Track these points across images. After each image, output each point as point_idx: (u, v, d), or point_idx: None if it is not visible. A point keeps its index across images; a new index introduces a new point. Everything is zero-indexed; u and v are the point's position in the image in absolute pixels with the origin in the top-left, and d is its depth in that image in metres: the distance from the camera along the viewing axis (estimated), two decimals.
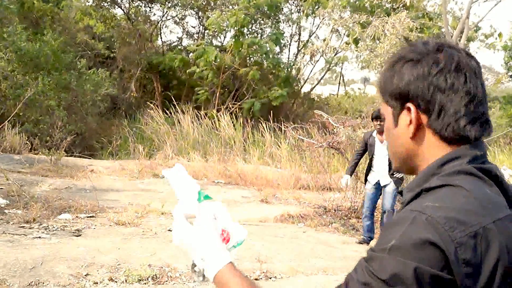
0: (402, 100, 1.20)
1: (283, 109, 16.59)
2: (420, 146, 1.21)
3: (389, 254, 1.03)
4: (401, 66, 1.21)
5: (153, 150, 12.98)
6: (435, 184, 1.13)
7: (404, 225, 1.04)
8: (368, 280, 1.04)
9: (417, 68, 1.19)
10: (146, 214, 7.49)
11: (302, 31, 18.12)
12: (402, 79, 1.20)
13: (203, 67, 15.09)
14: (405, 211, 1.10)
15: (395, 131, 1.25)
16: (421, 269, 1.00)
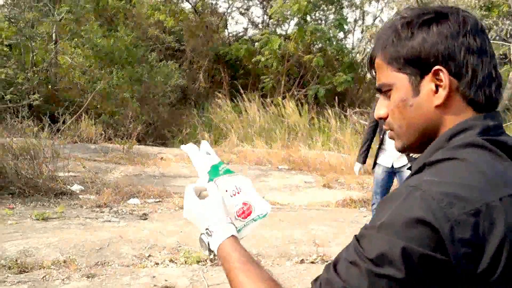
0: (425, 64, 1.08)
1: (348, 94, 16.62)
2: (447, 114, 1.10)
3: (378, 232, 0.97)
4: (421, 26, 1.09)
5: (220, 137, 13.44)
6: (439, 157, 1.04)
7: (397, 201, 0.97)
8: (355, 259, 0.99)
9: (445, 27, 1.07)
10: None
11: (365, 16, 18.04)
12: (425, 40, 1.07)
13: (267, 56, 15.36)
14: (402, 185, 1.03)
15: (415, 101, 1.11)
16: (409, 249, 0.93)
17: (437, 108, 1.09)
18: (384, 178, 5.85)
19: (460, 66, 1.07)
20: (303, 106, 14.63)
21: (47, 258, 4.86)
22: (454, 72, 1.07)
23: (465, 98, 1.08)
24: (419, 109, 1.11)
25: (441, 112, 1.10)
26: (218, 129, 14.24)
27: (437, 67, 1.07)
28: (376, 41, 1.17)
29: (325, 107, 14.69)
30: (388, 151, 5.78)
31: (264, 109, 14.73)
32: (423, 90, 1.09)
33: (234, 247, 1.24)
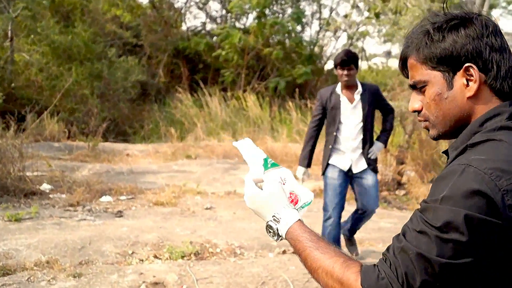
0: (456, 62, 1.27)
1: (308, 86, 16.80)
2: (477, 104, 1.28)
3: (441, 204, 1.13)
4: (451, 30, 1.27)
5: (184, 132, 13.40)
6: (478, 139, 1.23)
7: (454, 177, 1.14)
8: (423, 228, 1.14)
9: (471, 30, 1.26)
10: (183, 194, 7.91)
11: (322, 9, 18.25)
12: (455, 41, 1.26)
13: (227, 50, 15.39)
14: (452, 165, 1.19)
15: (449, 94, 1.30)
16: (471, 216, 1.09)
17: (469, 99, 1.29)
18: (342, 183, 4.80)
19: (486, 63, 1.26)
20: (264, 99, 14.72)
21: (29, 259, 4.75)
22: (482, 68, 1.26)
23: (492, 89, 1.28)
24: (454, 101, 1.30)
25: (472, 102, 1.29)
26: (180, 124, 14.18)
27: (468, 64, 1.26)
28: (408, 44, 1.36)
29: (286, 99, 14.83)
30: (343, 151, 4.80)
31: (225, 102, 14.75)
32: (456, 84, 1.29)
33: (303, 229, 1.37)
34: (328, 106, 4.83)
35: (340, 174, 4.80)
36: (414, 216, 1.19)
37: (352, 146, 4.80)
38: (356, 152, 4.82)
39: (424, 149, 8.75)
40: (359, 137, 4.81)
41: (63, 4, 15.64)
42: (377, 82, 16.41)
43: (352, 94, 4.79)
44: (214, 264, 4.95)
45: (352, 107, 4.78)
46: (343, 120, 4.78)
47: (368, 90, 4.84)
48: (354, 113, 4.78)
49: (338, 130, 4.80)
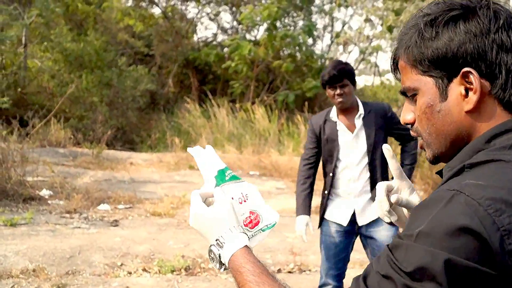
0: (452, 66, 0.98)
1: (318, 100, 16.70)
2: (479, 120, 1.00)
3: (416, 241, 0.86)
4: (447, 24, 0.99)
5: (190, 142, 13.40)
6: (480, 159, 0.95)
7: (437, 206, 0.87)
8: (389, 272, 0.88)
9: (473, 24, 0.97)
10: (182, 205, 7.84)
11: (334, 22, 18.25)
12: (451, 39, 0.98)
13: (237, 61, 15.37)
14: (440, 190, 0.92)
15: (443, 106, 1.01)
16: (453, 262, 0.82)
17: (468, 114, 1.00)
18: (341, 241, 3.63)
19: (492, 66, 0.97)
20: (272, 111, 14.67)
21: (16, 266, 4.76)
22: (486, 73, 0.97)
23: (499, 101, 0.99)
24: (448, 115, 1.01)
25: (472, 117, 1.00)
26: (187, 134, 14.18)
27: (466, 69, 0.97)
28: (399, 42, 1.09)
29: (295, 112, 14.76)
30: (343, 196, 3.62)
31: (233, 114, 14.72)
32: (451, 94, 1.00)
33: (248, 258, 1.14)
34: (322, 138, 3.63)
35: (339, 230, 3.62)
36: (382, 255, 0.93)
37: (355, 189, 3.57)
38: (362, 197, 3.57)
39: (433, 168, 8.59)
40: (364, 177, 3.57)
41: (76, 13, 15.83)
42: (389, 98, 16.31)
43: (352, 120, 3.58)
44: (204, 281, 4.84)
45: (353, 137, 3.56)
46: (343, 156, 3.59)
47: (373, 111, 3.60)
48: (357, 145, 3.56)
49: (336, 169, 3.61)
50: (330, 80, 3.48)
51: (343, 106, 3.52)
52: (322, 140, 3.62)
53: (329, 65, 3.60)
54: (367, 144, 3.53)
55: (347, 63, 3.65)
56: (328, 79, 3.48)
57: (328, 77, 3.48)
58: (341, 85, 3.47)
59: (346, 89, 3.48)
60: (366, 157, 3.54)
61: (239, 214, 1.27)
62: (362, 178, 3.55)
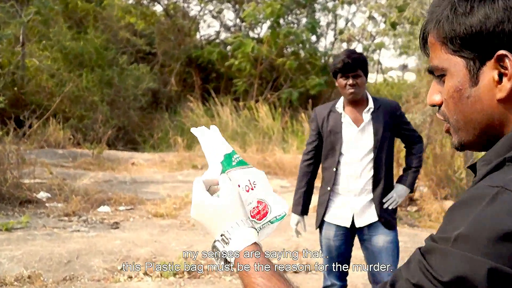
0: (486, 47, 0.87)
1: (322, 97, 16.51)
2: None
3: (454, 246, 0.76)
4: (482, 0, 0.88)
5: (193, 142, 13.21)
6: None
7: (479, 205, 0.76)
8: (421, 280, 0.78)
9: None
10: (184, 205, 7.66)
11: (338, 19, 17.98)
12: (488, 16, 0.86)
13: (240, 59, 15.20)
14: (479, 186, 0.81)
15: (473, 92, 0.91)
16: (499, 271, 0.72)
17: (500, 102, 0.88)
18: (341, 244, 3.47)
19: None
20: (276, 109, 14.49)
21: (10, 273, 4.54)
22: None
23: None
24: (478, 102, 0.90)
25: (505, 107, 0.89)
26: (190, 133, 13.94)
27: (502, 51, 0.85)
28: (430, 14, 0.96)
29: (299, 110, 14.58)
30: (344, 200, 3.43)
31: (237, 112, 14.55)
32: (483, 79, 0.89)
33: (256, 257, 1.01)
34: (325, 130, 3.44)
35: (339, 232, 3.45)
36: (413, 259, 0.82)
37: (356, 187, 3.39)
38: (362, 196, 3.40)
39: (438, 164, 8.42)
40: (366, 175, 3.38)
41: (76, 10, 15.60)
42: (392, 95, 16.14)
43: (359, 113, 3.39)
44: (207, 283, 4.69)
45: (358, 131, 3.37)
46: (346, 150, 3.38)
47: (383, 107, 3.42)
48: (362, 140, 3.37)
49: (339, 165, 3.39)
50: (343, 69, 3.28)
51: (354, 97, 3.33)
52: (325, 132, 3.44)
53: (343, 53, 3.38)
54: (374, 140, 3.34)
55: (361, 53, 3.45)
56: (341, 67, 3.28)
57: (342, 65, 3.27)
58: (354, 75, 3.29)
59: (358, 80, 3.31)
60: (371, 154, 3.36)
61: (246, 203, 1.14)
62: (365, 176, 3.38)
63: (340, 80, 3.34)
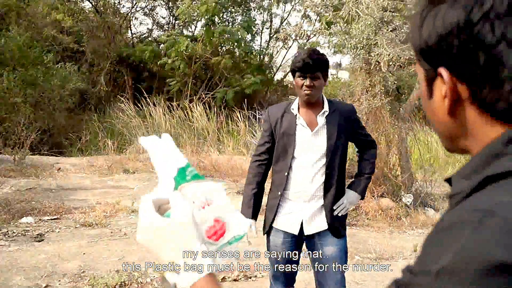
0: (433, 62, 0.82)
1: (257, 97, 16.45)
2: (462, 125, 0.83)
3: (437, 281, 0.67)
4: (430, 10, 0.82)
5: (124, 144, 12.73)
6: (507, 168, 0.74)
7: (464, 233, 0.67)
8: None
9: (452, 13, 0.78)
10: (115, 213, 7.28)
11: (273, 18, 17.98)
12: (431, 30, 0.81)
13: (174, 58, 14.86)
14: (462, 209, 0.72)
15: (430, 104, 0.87)
16: None
17: (449, 117, 0.84)
18: (287, 252, 3.30)
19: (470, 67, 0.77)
20: (211, 109, 14.24)
21: None
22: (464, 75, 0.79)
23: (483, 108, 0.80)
24: (435, 114, 0.87)
25: (454, 122, 0.84)
26: (121, 135, 13.49)
27: (440, 69, 0.81)
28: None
29: (234, 110, 14.39)
30: (294, 206, 3.27)
31: (170, 113, 14.21)
32: (435, 92, 0.85)
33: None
34: (278, 131, 3.27)
35: (287, 239, 3.29)
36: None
37: (307, 193, 3.24)
38: (312, 203, 3.25)
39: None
40: (318, 181, 3.23)
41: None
42: (327, 93, 16.18)
43: (314, 116, 3.25)
44: None
45: (312, 135, 3.22)
46: (299, 154, 3.23)
47: (338, 111, 3.28)
48: (315, 144, 3.22)
49: (291, 169, 3.24)
50: (302, 68, 3.11)
51: (309, 99, 3.18)
52: (278, 133, 3.27)
53: (304, 52, 3.19)
54: (327, 144, 3.21)
55: (324, 54, 3.23)
56: (301, 67, 3.10)
57: (302, 64, 3.09)
58: (312, 76, 3.12)
59: (316, 82, 3.14)
60: (323, 159, 3.21)
61: (202, 222, 1.01)
62: (316, 182, 3.22)
63: (297, 80, 3.17)
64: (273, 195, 3.33)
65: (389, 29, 8.15)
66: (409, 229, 7.41)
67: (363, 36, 8.06)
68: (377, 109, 8.38)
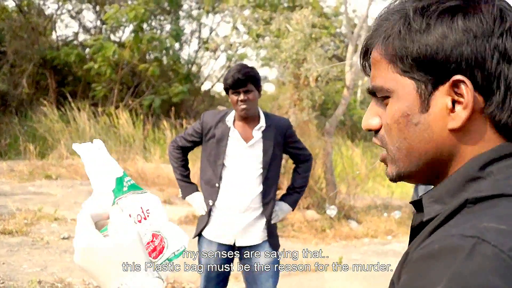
0: (442, 70, 0.78)
1: (184, 106, 16.48)
2: (465, 142, 0.80)
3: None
4: (442, 16, 0.78)
5: (46, 149, 12.38)
6: (486, 192, 0.73)
7: (456, 259, 0.64)
8: None
9: (475, 21, 0.76)
10: (37, 220, 7.08)
11: (202, 28, 18.10)
12: (445, 36, 0.77)
13: (100, 63, 14.61)
14: (449, 234, 0.69)
15: (422, 119, 0.81)
16: None
17: (452, 132, 0.79)
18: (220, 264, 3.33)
19: (490, 78, 0.76)
20: (137, 116, 14.11)
21: None
22: (482, 86, 0.77)
23: (492, 121, 0.79)
24: (427, 130, 0.81)
25: (457, 137, 0.80)
26: (43, 139, 13.11)
27: (458, 76, 0.77)
28: (376, 28, 0.85)
29: (161, 118, 14.35)
30: (227, 217, 3.30)
31: (95, 119, 13.92)
32: (434, 105, 0.80)
33: None
34: (209, 138, 3.32)
35: (220, 251, 3.29)
36: None
37: (241, 205, 3.27)
38: (246, 214, 3.28)
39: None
40: (253, 193, 3.28)
41: None
42: None
43: (250, 130, 3.29)
44: None
45: (247, 148, 3.27)
46: (231, 166, 3.27)
47: (274, 125, 3.35)
48: (250, 156, 3.27)
49: (221, 180, 3.27)
50: (234, 85, 3.19)
51: (246, 113, 3.24)
52: (209, 142, 3.33)
53: (233, 68, 3.29)
54: (263, 159, 3.29)
55: (253, 67, 3.35)
56: (232, 83, 3.20)
57: (232, 81, 3.19)
58: (245, 90, 3.20)
59: (250, 95, 3.22)
60: (259, 172, 3.29)
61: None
62: (251, 194, 3.28)
63: (232, 96, 3.24)
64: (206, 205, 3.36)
65: (318, 45, 8.43)
66: (333, 241, 7.68)
67: (293, 51, 8.29)
68: (304, 123, 8.61)
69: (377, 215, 9.12)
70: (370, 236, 8.09)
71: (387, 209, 9.57)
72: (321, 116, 14.64)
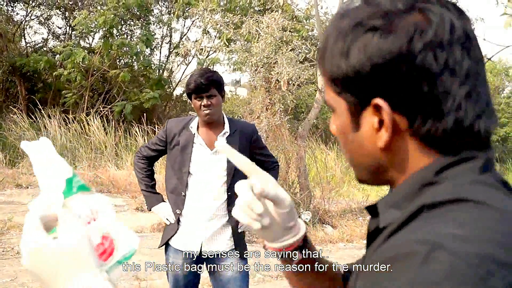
0: (365, 93, 0.78)
1: (156, 111, 16.39)
2: (397, 157, 0.80)
3: None
4: (359, 40, 0.77)
5: (16, 157, 12.24)
6: (443, 197, 0.72)
7: (411, 265, 0.64)
8: None
9: (389, 42, 0.74)
10: (7, 230, 7.04)
11: (173, 33, 18.01)
12: (364, 59, 0.76)
13: (70, 69, 14.45)
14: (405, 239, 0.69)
15: (355, 137, 0.83)
16: None
17: (383, 151, 0.80)
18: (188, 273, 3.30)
19: (410, 99, 0.75)
20: (109, 123, 14.03)
21: None
22: (403, 107, 0.76)
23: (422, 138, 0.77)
24: (362, 147, 0.82)
25: (387, 154, 0.80)
26: (14, 148, 12.96)
27: (376, 100, 0.76)
28: (322, 43, 0.84)
29: (133, 124, 14.29)
30: (193, 225, 3.27)
31: (66, 126, 13.79)
32: (364, 124, 0.80)
33: None
34: (173, 146, 3.29)
35: (187, 260, 3.27)
36: None
37: (207, 213, 3.25)
38: (213, 222, 3.26)
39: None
40: (220, 199, 3.25)
41: None
42: (225, 110, 16.48)
43: (214, 136, 3.25)
44: None
45: (211, 154, 3.23)
46: (196, 174, 3.24)
47: (239, 131, 3.32)
48: (215, 163, 3.23)
49: (187, 188, 3.25)
50: (196, 90, 3.17)
51: (210, 119, 3.21)
52: (173, 150, 3.28)
53: (195, 73, 3.26)
54: (227, 166, 3.21)
55: (216, 71, 3.35)
56: (194, 88, 3.17)
57: (195, 86, 3.17)
58: (208, 95, 3.18)
59: (213, 100, 3.19)
60: (224, 179, 3.24)
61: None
62: (217, 202, 3.25)
63: (194, 102, 3.21)
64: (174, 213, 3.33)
65: (289, 48, 8.48)
66: None
67: (264, 55, 8.32)
68: (277, 127, 8.62)
69: (352, 219, 9.15)
70: (346, 241, 8.13)
71: (362, 213, 9.60)
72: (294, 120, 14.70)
